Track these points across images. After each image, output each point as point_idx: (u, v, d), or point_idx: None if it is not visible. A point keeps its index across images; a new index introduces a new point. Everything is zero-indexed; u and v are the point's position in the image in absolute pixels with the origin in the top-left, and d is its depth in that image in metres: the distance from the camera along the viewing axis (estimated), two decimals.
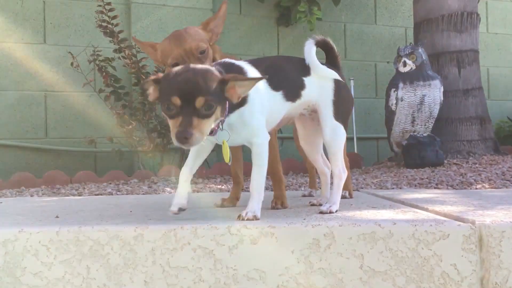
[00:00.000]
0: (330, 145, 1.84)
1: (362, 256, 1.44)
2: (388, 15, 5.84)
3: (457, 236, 1.43)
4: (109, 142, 4.36)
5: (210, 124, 1.49)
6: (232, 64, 1.68)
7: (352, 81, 5.21)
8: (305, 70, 1.83)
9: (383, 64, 5.76)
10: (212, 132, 1.58)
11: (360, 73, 5.69)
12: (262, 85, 1.68)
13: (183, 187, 1.68)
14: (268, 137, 1.67)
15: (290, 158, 4.44)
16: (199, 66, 1.56)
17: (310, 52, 1.83)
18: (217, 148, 4.38)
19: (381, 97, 5.57)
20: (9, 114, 4.47)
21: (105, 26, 4.14)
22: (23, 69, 4.51)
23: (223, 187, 3.52)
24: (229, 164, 1.67)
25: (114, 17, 4.15)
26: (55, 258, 1.44)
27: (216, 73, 1.52)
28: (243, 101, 1.59)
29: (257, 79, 1.54)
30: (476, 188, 3.06)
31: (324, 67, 1.84)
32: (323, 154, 2.10)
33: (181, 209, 1.65)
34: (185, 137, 1.42)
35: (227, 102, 1.55)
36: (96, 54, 4.21)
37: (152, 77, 1.55)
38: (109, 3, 4.13)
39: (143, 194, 3.21)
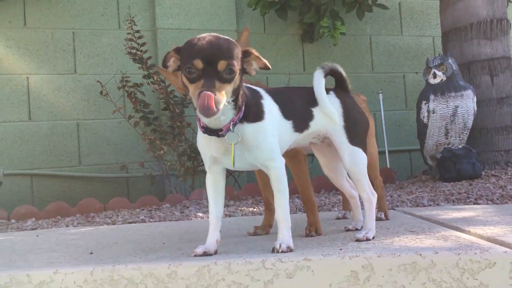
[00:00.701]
0: (352, 171, 1.79)
1: None
2: (414, 26, 5.75)
3: (504, 264, 1.36)
4: (140, 167, 4.40)
5: (229, 90, 1.48)
6: (250, 88, 1.68)
7: (380, 94, 5.13)
8: (314, 100, 1.79)
9: (412, 75, 5.66)
10: (222, 131, 1.55)
11: (388, 86, 5.60)
12: (276, 111, 1.67)
13: (212, 236, 1.63)
14: (284, 161, 1.63)
15: (321, 176, 4.37)
16: (222, 36, 1.56)
17: (319, 85, 1.78)
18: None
19: (411, 109, 5.48)
20: (43, 144, 4.57)
21: (134, 53, 4.21)
22: (55, 99, 4.62)
23: (254, 209, 3.49)
24: (233, 168, 1.62)
25: (143, 44, 4.22)
26: None
27: (236, 44, 1.54)
28: (260, 116, 1.58)
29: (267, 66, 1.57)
30: None
31: (330, 106, 1.78)
32: (348, 177, 2.04)
33: (206, 254, 1.58)
34: (208, 98, 1.39)
35: (243, 107, 1.54)
36: (125, 80, 4.28)
37: (174, 47, 1.55)
38: (138, 31, 4.21)
39: (176, 220, 3.21)
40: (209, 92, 1.39)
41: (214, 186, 1.66)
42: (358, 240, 1.68)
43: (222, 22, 5.04)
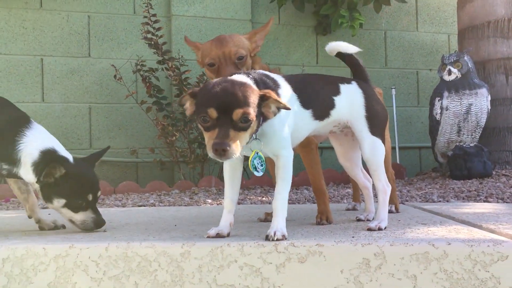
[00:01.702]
0: (371, 161, 1.79)
1: (415, 277, 1.39)
2: (430, 22, 5.71)
3: None
4: (151, 152, 4.42)
5: (246, 137, 1.47)
6: (267, 76, 1.67)
7: (393, 90, 5.11)
8: (336, 89, 1.79)
9: (425, 71, 5.63)
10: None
11: (401, 81, 5.57)
12: (293, 100, 1.67)
13: (226, 219, 1.64)
14: (292, 152, 1.64)
15: (330, 169, 4.38)
16: (238, 79, 1.54)
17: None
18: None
19: (423, 106, 5.45)
20: (55, 126, 4.59)
21: (150, 38, 4.21)
22: (68, 82, 4.65)
23: (264, 198, 3.50)
24: (257, 175, 1.62)
25: (159, 29, 4.22)
26: (104, 274, 1.45)
27: (255, 87, 1.51)
28: (258, 113, 1.57)
29: (286, 107, 1.52)
30: None
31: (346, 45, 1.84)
32: (362, 167, 2.05)
33: (219, 235, 1.59)
34: (222, 149, 1.39)
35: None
36: (141, 64, 4.29)
37: (189, 91, 1.54)
38: (154, 15, 4.21)
39: (185, 205, 3.23)
40: (222, 148, 1.38)
41: (232, 171, 1.67)
42: (370, 229, 1.69)
43: (237, 11, 5.03)
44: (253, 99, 1.46)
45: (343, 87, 1.80)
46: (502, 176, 3.95)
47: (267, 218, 2.11)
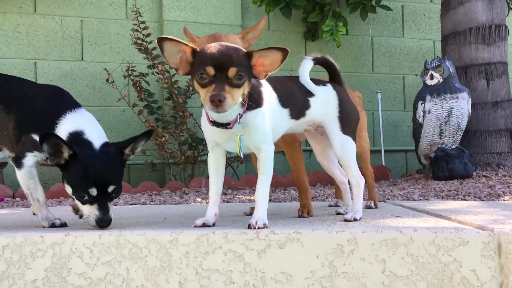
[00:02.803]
0: (342, 158, 1.92)
1: (384, 261, 1.51)
2: (416, 28, 5.87)
3: (476, 243, 1.49)
4: (142, 154, 4.52)
5: (239, 94, 1.58)
6: None
7: (379, 94, 5.25)
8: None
9: (411, 77, 5.78)
10: (230, 124, 1.67)
11: (388, 86, 5.73)
12: (274, 100, 1.79)
13: (211, 209, 1.77)
14: (273, 147, 1.75)
15: (318, 170, 4.51)
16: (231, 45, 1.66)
17: (304, 72, 1.91)
18: (246, 160, 4.46)
19: (409, 110, 5.59)
20: None
21: (140, 43, 4.33)
22: (61, 85, 4.61)
23: (252, 197, 3.62)
24: (241, 157, 1.74)
25: (148, 35, 4.34)
26: (98, 260, 1.56)
27: (243, 50, 1.64)
28: (259, 103, 1.70)
29: (280, 49, 1.61)
30: (504, 200, 3.07)
31: (312, 84, 1.91)
32: (339, 164, 2.17)
33: (205, 225, 1.72)
34: (219, 99, 1.51)
35: (247, 98, 1.66)
36: (131, 69, 4.40)
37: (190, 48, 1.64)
38: (143, 22, 4.33)
39: (175, 204, 3.33)
40: (218, 98, 1.51)
41: (216, 165, 1.79)
42: (346, 220, 1.81)
43: (228, 16, 5.16)
44: (245, 60, 1.60)
45: (319, 89, 1.93)
46: (482, 177, 4.10)
47: (252, 212, 2.23)
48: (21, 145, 1.83)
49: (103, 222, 1.72)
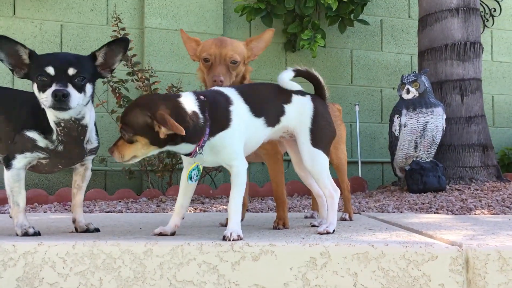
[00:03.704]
0: (312, 171, 1.94)
1: (356, 275, 1.54)
2: (394, 43, 5.99)
3: (445, 258, 1.53)
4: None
5: (132, 150, 1.68)
6: (221, 93, 1.83)
7: (357, 106, 5.33)
8: (288, 98, 1.94)
9: (389, 90, 5.89)
10: (191, 154, 1.73)
11: (365, 99, 5.82)
12: (245, 112, 1.82)
13: (173, 220, 1.83)
14: (246, 164, 1.79)
15: (295, 180, 4.55)
16: (146, 97, 1.77)
17: (282, 75, 1.95)
18: (224, 169, 4.48)
19: (386, 122, 5.69)
20: None
21: None
22: None
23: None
24: (189, 183, 1.78)
25: None
26: (70, 270, 1.55)
27: (145, 111, 1.65)
28: (226, 125, 1.74)
29: (178, 131, 1.61)
30: (475, 214, 3.14)
31: (291, 82, 1.94)
32: None
33: (162, 234, 1.78)
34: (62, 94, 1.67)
35: (208, 128, 1.70)
36: (111, 75, 4.38)
37: None
38: (123, 28, 4.32)
39: (152, 212, 3.32)
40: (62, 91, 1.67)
41: (185, 185, 1.85)
42: (319, 233, 1.84)
43: (209, 25, 5.19)
44: (135, 119, 1.64)
45: (296, 98, 1.94)
46: (455, 190, 4.19)
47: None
48: (12, 146, 1.82)
49: (57, 91, 1.65)
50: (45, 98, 1.69)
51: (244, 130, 1.79)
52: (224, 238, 1.63)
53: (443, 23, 4.81)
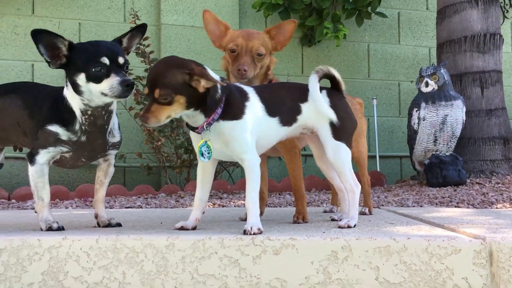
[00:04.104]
0: (335, 164, 1.94)
1: (378, 268, 1.53)
2: (411, 35, 5.92)
3: (468, 251, 1.51)
4: (138, 157, 4.53)
5: (170, 110, 1.68)
6: (240, 88, 1.87)
7: (375, 100, 5.29)
8: (303, 96, 1.94)
9: (407, 83, 5.82)
10: (198, 129, 1.76)
11: (383, 92, 5.77)
12: (260, 110, 1.84)
13: (193, 214, 1.85)
14: (259, 159, 1.80)
15: (313, 175, 4.54)
16: (174, 60, 1.73)
17: (315, 89, 1.92)
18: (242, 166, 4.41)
19: (404, 116, 5.64)
20: None
21: (137, 47, 4.34)
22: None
23: None
24: (202, 160, 1.79)
25: (145, 39, 4.35)
26: (94, 264, 1.57)
27: (185, 67, 1.69)
28: (238, 116, 1.76)
29: (217, 82, 1.70)
30: (497, 208, 3.10)
31: (325, 105, 1.92)
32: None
33: (183, 228, 1.80)
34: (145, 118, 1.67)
35: (220, 108, 1.73)
36: (128, 72, 4.41)
37: None
38: None
39: (171, 207, 3.35)
40: (143, 118, 1.68)
41: (203, 173, 1.87)
42: (340, 227, 1.84)
43: (225, 21, 5.16)
44: (177, 80, 1.67)
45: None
46: (476, 184, 4.13)
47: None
48: (36, 141, 1.85)
49: (127, 82, 1.75)
50: (108, 88, 1.75)
51: (257, 127, 1.81)
52: (245, 232, 1.64)
53: (462, 15, 4.74)
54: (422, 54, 5.93)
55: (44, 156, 1.84)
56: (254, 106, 1.83)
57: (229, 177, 4.79)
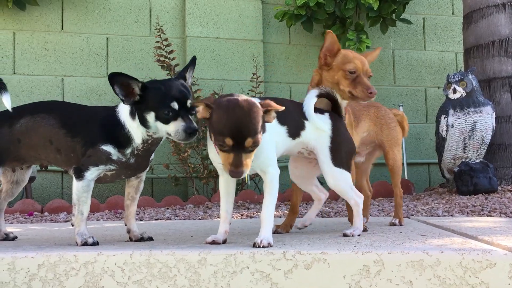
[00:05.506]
0: (336, 189, 1.98)
1: (411, 283, 1.52)
2: (437, 41, 5.85)
3: (503, 265, 1.49)
4: (165, 168, 4.59)
5: (253, 155, 1.67)
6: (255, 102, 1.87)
7: (401, 107, 5.24)
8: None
9: (433, 89, 5.76)
10: None
11: (409, 99, 5.71)
12: (274, 120, 1.83)
13: (222, 227, 1.86)
14: (279, 171, 1.81)
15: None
16: (249, 102, 1.68)
17: (309, 102, 1.96)
18: None
19: (431, 122, 5.57)
20: None
21: (163, 60, 4.42)
22: (88, 101, 4.86)
23: (275, 213, 3.63)
24: (248, 183, 1.81)
25: (171, 52, 4.43)
26: (129, 279, 1.60)
27: (259, 106, 1.68)
28: (264, 129, 1.75)
29: (281, 108, 1.72)
30: None
31: (316, 118, 1.94)
32: (317, 183, 2.23)
33: (215, 242, 1.80)
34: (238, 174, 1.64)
35: None
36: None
37: (205, 100, 1.72)
38: (166, 39, 4.42)
39: (200, 219, 3.38)
40: (237, 174, 1.63)
41: (226, 186, 1.89)
42: (345, 235, 1.92)
43: (249, 32, 5.23)
44: (260, 121, 1.65)
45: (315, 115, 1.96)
46: (508, 191, 4.04)
47: (277, 229, 2.26)
48: (86, 158, 1.91)
49: (191, 129, 1.83)
50: (173, 131, 1.84)
51: (274, 134, 1.83)
52: (254, 245, 1.67)
53: (489, 19, 4.67)
54: (449, 59, 5.85)
55: (93, 173, 1.90)
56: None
57: (255, 187, 4.80)
